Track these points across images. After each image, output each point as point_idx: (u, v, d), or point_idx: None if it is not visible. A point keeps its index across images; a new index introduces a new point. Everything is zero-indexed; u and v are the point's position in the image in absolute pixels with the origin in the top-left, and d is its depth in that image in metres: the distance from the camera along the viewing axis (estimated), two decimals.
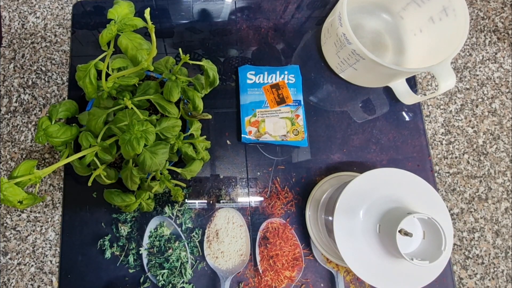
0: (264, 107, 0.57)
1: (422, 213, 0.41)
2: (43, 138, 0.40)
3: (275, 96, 0.57)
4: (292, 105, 0.57)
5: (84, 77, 0.38)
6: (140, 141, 0.36)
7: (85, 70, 0.38)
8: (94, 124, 0.40)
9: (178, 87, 0.42)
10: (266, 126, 0.56)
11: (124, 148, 0.36)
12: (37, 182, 0.36)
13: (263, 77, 0.58)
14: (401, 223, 0.40)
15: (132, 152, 0.36)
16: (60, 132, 0.41)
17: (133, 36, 0.34)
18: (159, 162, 0.39)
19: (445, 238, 0.41)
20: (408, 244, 0.43)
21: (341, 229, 0.45)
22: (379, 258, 0.44)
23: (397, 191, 0.46)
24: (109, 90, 0.41)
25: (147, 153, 0.38)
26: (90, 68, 0.38)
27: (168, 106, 0.42)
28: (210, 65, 0.44)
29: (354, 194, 0.46)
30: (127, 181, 0.42)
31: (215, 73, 0.44)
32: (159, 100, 0.42)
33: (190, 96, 0.43)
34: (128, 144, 0.36)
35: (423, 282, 0.44)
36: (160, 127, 0.41)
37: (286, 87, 0.58)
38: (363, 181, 0.46)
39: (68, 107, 0.43)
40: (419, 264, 0.40)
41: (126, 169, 0.42)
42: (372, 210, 0.45)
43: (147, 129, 0.37)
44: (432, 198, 0.47)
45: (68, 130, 0.41)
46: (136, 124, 0.36)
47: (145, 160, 0.38)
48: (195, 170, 0.47)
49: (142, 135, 0.36)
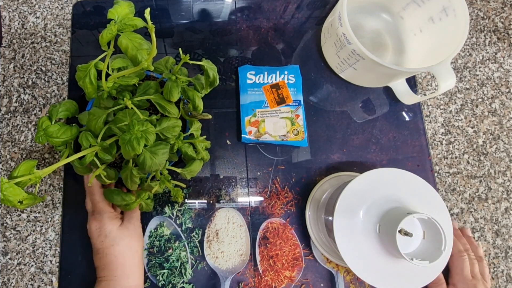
0: (264, 107, 0.57)
1: (422, 213, 0.41)
2: (43, 138, 0.40)
3: (275, 96, 0.57)
4: (292, 105, 0.57)
5: (84, 77, 0.38)
6: (140, 141, 0.36)
7: (85, 70, 0.38)
8: (94, 124, 0.40)
9: (178, 87, 0.42)
10: (266, 126, 0.56)
11: (124, 148, 0.36)
12: (37, 182, 0.36)
13: (263, 77, 0.58)
14: (401, 223, 0.40)
15: (132, 152, 0.36)
16: (60, 132, 0.40)
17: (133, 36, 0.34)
18: (159, 162, 0.38)
19: (445, 238, 0.41)
20: (408, 244, 0.43)
21: (341, 229, 0.45)
22: (379, 258, 0.44)
23: (397, 191, 0.46)
24: (109, 90, 0.41)
25: (147, 153, 0.38)
26: (90, 68, 0.38)
27: (168, 106, 0.42)
28: (210, 65, 0.44)
29: (354, 194, 0.46)
30: (127, 181, 0.42)
31: (215, 73, 0.44)
32: (159, 100, 0.42)
33: (190, 96, 0.43)
34: (128, 144, 0.36)
35: (423, 282, 0.44)
36: (160, 127, 0.41)
37: (286, 87, 0.58)
38: (363, 181, 0.46)
39: (68, 107, 0.43)
40: (419, 264, 0.40)
41: (126, 169, 0.42)
42: (372, 210, 0.45)
43: (147, 129, 0.37)
44: (432, 198, 0.47)
45: (68, 130, 0.41)
46: (136, 124, 0.36)
47: (145, 160, 0.38)
48: (195, 170, 0.47)
49: (142, 135, 0.36)
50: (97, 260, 0.46)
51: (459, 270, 0.50)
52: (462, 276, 0.50)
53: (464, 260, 0.51)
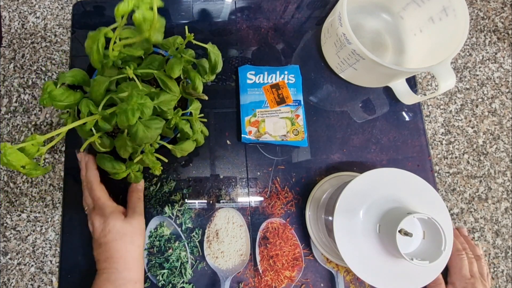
0: (264, 107, 0.57)
1: (422, 213, 0.41)
2: (47, 101, 0.40)
3: (275, 96, 0.57)
4: (292, 105, 0.57)
5: (93, 45, 0.38)
6: (135, 113, 0.37)
7: (95, 38, 0.38)
8: (96, 91, 0.41)
9: (180, 64, 0.42)
10: (266, 126, 0.56)
11: (120, 118, 0.37)
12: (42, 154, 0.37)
13: (263, 77, 0.58)
14: (401, 223, 0.40)
15: (126, 122, 0.37)
16: (64, 96, 0.41)
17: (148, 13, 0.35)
18: (151, 136, 0.39)
19: (445, 238, 0.41)
20: (408, 244, 0.43)
21: (341, 229, 0.45)
22: (379, 258, 0.44)
23: (397, 191, 0.46)
24: (115, 60, 0.42)
25: (141, 125, 0.39)
26: (100, 37, 0.38)
27: (169, 82, 0.43)
28: (215, 50, 0.45)
29: (354, 194, 0.46)
30: (120, 150, 0.43)
31: (218, 58, 0.45)
32: (162, 76, 0.43)
33: (192, 76, 0.44)
34: (123, 114, 0.37)
35: (423, 281, 0.44)
36: (158, 101, 0.42)
37: (286, 87, 0.58)
38: (363, 181, 0.46)
39: (75, 73, 0.44)
40: (419, 264, 0.40)
41: (121, 138, 0.43)
42: (372, 210, 0.45)
43: (145, 102, 0.38)
44: (432, 198, 0.47)
45: (72, 95, 0.42)
46: (135, 96, 0.37)
47: (137, 132, 0.39)
48: (187, 150, 0.47)
49: (139, 108, 0.37)
50: (99, 254, 0.47)
51: (458, 269, 0.50)
52: (460, 275, 0.50)
53: (463, 259, 0.51)
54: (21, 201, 0.54)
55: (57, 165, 0.55)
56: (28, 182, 0.54)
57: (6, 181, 0.54)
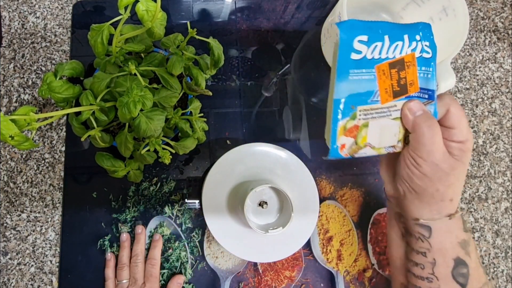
0: (371, 102, 0.34)
1: (264, 185, 0.44)
2: (45, 92, 0.40)
3: (392, 83, 0.34)
4: (419, 97, 0.35)
5: (96, 37, 0.38)
6: (137, 104, 0.37)
7: (98, 30, 0.38)
8: (97, 87, 0.41)
9: (182, 61, 0.43)
10: (369, 135, 0.35)
11: (121, 111, 0.37)
12: (34, 128, 0.36)
13: (381, 48, 0.34)
14: (247, 197, 0.44)
15: (128, 114, 0.37)
16: (63, 89, 0.41)
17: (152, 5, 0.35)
18: (154, 128, 0.39)
19: (291, 202, 0.44)
20: (268, 216, 0.49)
21: (211, 210, 0.49)
22: (247, 233, 0.49)
23: (261, 167, 0.50)
24: (117, 56, 0.42)
25: (143, 117, 0.39)
26: (104, 29, 0.38)
27: (171, 79, 0.43)
28: (217, 44, 0.45)
29: (221, 171, 0.50)
30: (121, 147, 0.43)
31: (221, 52, 0.45)
32: (163, 73, 0.43)
33: (194, 73, 0.44)
34: (125, 107, 0.37)
35: (293, 249, 0.49)
36: (159, 96, 0.42)
37: (415, 65, 0.34)
38: (229, 156, 0.50)
39: (74, 66, 0.44)
40: (273, 233, 0.44)
41: (121, 134, 0.43)
42: (237, 186, 0.49)
43: (145, 94, 0.38)
44: (298, 168, 0.50)
45: (71, 88, 0.42)
46: (135, 88, 0.37)
47: (140, 124, 0.39)
48: (188, 147, 0.47)
49: (140, 100, 0.37)
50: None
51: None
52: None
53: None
54: (21, 201, 0.54)
55: (57, 165, 0.55)
56: (28, 182, 0.55)
57: (6, 181, 0.54)
